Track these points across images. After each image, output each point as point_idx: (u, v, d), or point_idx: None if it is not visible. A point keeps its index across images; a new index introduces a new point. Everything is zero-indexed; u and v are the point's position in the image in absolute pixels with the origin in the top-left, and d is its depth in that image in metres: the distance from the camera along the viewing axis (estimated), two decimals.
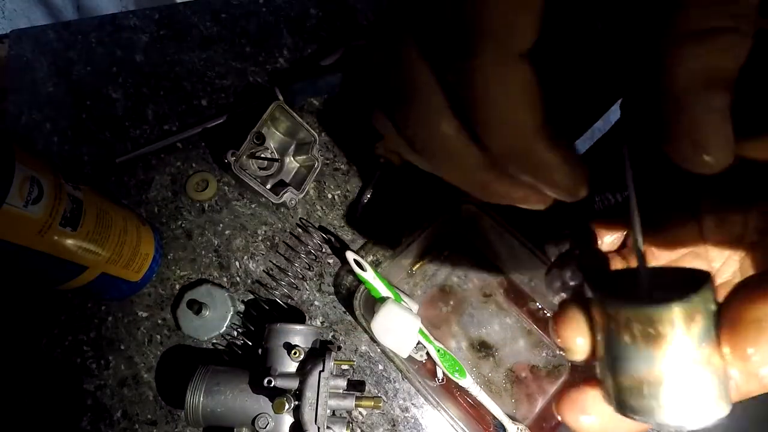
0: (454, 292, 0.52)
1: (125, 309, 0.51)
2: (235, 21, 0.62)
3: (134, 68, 0.60)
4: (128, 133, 0.57)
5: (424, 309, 0.51)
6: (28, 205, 0.34)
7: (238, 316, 0.51)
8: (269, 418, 0.40)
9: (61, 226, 0.37)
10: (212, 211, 0.55)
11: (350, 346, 0.51)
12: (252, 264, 0.53)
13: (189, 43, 0.61)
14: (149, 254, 0.49)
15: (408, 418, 0.49)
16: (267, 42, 0.61)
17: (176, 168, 0.56)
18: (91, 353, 0.50)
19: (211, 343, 0.50)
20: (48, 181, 0.36)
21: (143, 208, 0.54)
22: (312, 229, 0.53)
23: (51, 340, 0.50)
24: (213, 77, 0.60)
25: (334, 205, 0.55)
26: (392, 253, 0.47)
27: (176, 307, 0.50)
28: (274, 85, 0.55)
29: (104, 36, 0.61)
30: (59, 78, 0.59)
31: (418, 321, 0.43)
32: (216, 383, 0.42)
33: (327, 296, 0.52)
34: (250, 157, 0.52)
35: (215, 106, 0.58)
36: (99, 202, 0.42)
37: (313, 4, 0.63)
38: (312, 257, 0.53)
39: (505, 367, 0.50)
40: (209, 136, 0.57)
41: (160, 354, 0.50)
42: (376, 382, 0.50)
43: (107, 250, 0.43)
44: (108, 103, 0.58)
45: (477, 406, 0.48)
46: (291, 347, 0.42)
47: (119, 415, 0.48)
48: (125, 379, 0.49)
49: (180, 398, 0.41)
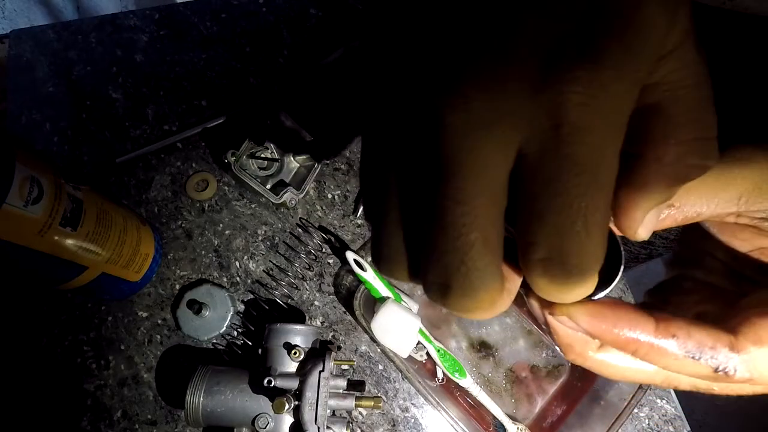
0: None
1: (125, 309, 0.51)
2: (235, 21, 0.62)
3: (134, 68, 0.60)
4: (128, 133, 0.57)
5: (424, 309, 0.51)
6: (28, 205, 0.34)
7: (238, 316, 0.51)
8: (269, 418, 0.40)
9: (61, 226, 0.37)
10: (212, 211, 0.55)
11: (350, 346, 0.51)
12: (252, 264, 0.53)
13: (189, 43, 0.61)
14: (149, 254, 0.49)
15: (408, 418, 0.49)
16: (267, 42, 0.61)
17: (176, 168, 0.56)
18: (91, 353, 0.50)
19: (211, 343, 0.50)
20: (48, 181, 0.36)
21: (143, 208, 0.54)
22: (312, 229, 0.53)
23: (51, 340, 0.50)
24: (213, 77, 0.60)
25: (334, 205, 0.55)
26: None
27: (176, 307, 0.50)
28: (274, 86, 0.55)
29: (104, 36, 0.61)
30: (59, 78, 0.59)
31: (418, 321, 0.43)
32: (216, 383, 0.42)
33: (327, 296, 0.52)
34: (250, 157, 0.52)
35: (215, 106, 0.58)
36: (99, 202, 0.42)
37: (313, 4, 0.63)
38: (312, 257, 0.53)
39: (505, 367, 0.50)
40: (209, 136, 0.57)
41: (160, 354, 0.50)
42: (376, 382, 0.50)
43: (107, 250, 0.43)
44: (108, 103, 0.58)
45: (477, 406, 0.48)
46: (291, 347, 0.42)
47: (119, 415, 0.48)
48: (125, 379, 0.49)
49: (180, 398, 0.41)
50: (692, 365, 0.16)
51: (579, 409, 0.47)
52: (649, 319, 0.16)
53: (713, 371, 0.16)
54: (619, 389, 0.44)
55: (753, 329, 0.16)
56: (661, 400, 0.50)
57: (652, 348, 0.16)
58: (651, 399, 0.50)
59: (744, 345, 0.16)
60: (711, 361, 0.16)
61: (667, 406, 0.50)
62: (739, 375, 0.16)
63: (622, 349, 0.16)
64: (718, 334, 0.16)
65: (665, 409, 0.50)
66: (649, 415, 0.50)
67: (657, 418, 0.50)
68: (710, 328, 0.16)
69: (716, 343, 0.16)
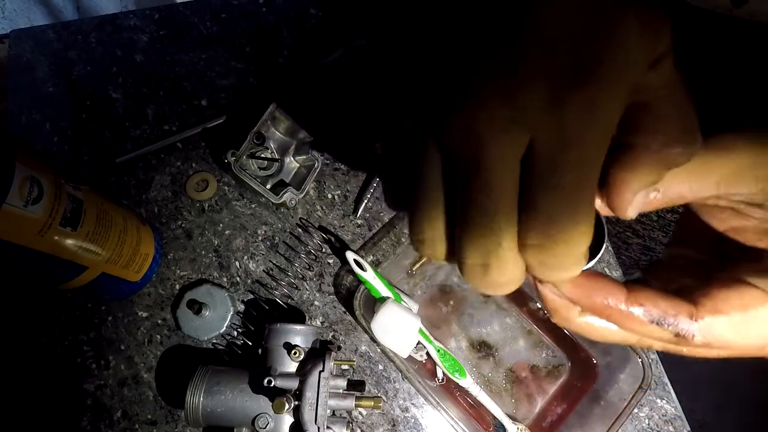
0: (454, 292, 0.52)
1: (125, 309, 0.51)
2: (235, 21, 0.62)
3: (134, 68, 0.60)
4: (128, 133, 0.57)
5: (424, 309, 0.51)
6: (28, 205, 0.34)
7: (238, 316, 0.51)
8: (269, 418, 0.40)
9: (61, 226, 0.37)
10: (212, 211, 0.55)
11: (350, 346, 0.51)
12: (252, 264, 0.53)
13: (189, 43, 0.61)
14: (149, 254, 0.49)
15: (408, 418, 0.49)
16: (267, 42, 0.61)
17: (176, 168, 0.56)
18: (91, 353, 0.50)
19: (211, 343, 0.50)
20: (48, 181, 0.36)
21: (143, 208, 0.54)
22: (312, 229, 0.53)
23: (51, 340, 0.50)
24: (213, 77, 0.60)
25: (334, 205, 0.55)
26: (392, 253, 0.47)
27: (176, 307, 0.50)
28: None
29: (104, 36, 0.61)
30: (59, 78, 0.59)
31: (418, 321, 0.43)
32: (216, 383, 0.42)
33: (327, 296, 0.52)
34: (250, 157, 0.52)
35: (215, 106, 0.58)
36: (99, 202, 0.42)
37: (313, 4, 0.63)
38: (312, 257, 0.53)
39: (505, 367, 0.50)
40: (209, 136, 0.57)
41: (160, 354, 0.50)
42: (376, 382, 0.50)
43: (107, 250, 0.43)
44: (108, 103, 0.58)
45: (477, 406, 0.48)
46: (291, 347, 0.42)
47: (119, 415, 0.48)
48: (125, 379, 0.49)
49: (180, 398, 0.41)
50: (657, 330, 0.18)
51: (579, 409, 0.47)
52: (622, 289, 0.18)
53: (674, 336, 0.18)
54: (619, 389, 0.44)
55: (712, 301, 0.19)
56: (661, 400, 0.50)
57: (621, 314, 0.18)
58: (651, 399, 0.50)
59: (702, 314, 0.18)
60: (672, 328, 0.18)
61: (667, 406, 0.50)
62: (697, 340, 0.18)
63: (597, 314, 0.19)
64: (681, 304, 0.18)
65: (665, 409, 0.50)
66: (649, 415, 0.50)
67: (657, 418, 0.50)
68: (674, 299, 0.19)
69: (678, 312, 0.18)
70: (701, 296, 0.19)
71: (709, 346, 0.19)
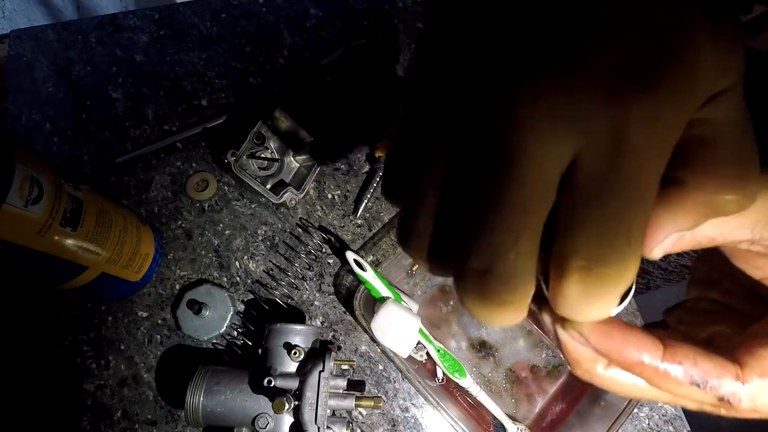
0: (454, 292, 0.52)
1: (125, 309, 0.51)
2: (235, 21, 0.62)
3: (134, 68, 0.60)
4: (128, 133, 0.57)
5: (424, 309, 0.51)
6: (28, 205, 0.34)
7: (238, 316, 0.51)
8: (269, 418, 0.40)
9: (61, 226, 0.37)
10: (212, 211, 0.55)
11: (350, 346, 0.51)
12: (252, 264, 0.53)
13: (189, 43, 0.61)
14: (149, 254, 0.49)
15: (408, 418, 0.49)
16: (267, 42, 0.61)
17: (176, 168, 0.56)
18: (91, 353, 0.50)
19: (211, 343, 0.50)
20: (48, 181, 0.36)
21: (143, 208, 0.54)
22: (312, 229, 0.53)
23: (51, 340, 0.50)
24: (213, 77, 0.60)
25: (334, 205, 0.55)
26: (392, 253, 0.47)
27: (176, 307, 0.50)
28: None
29: (104, 36, 0.61)
30: (59, 78, 0.59)
31: (418, 321, 0.43)
32: (216, 383, 0.42)
33: (327, 296, 0.52)
34: (250, 157, 0.52)
35: (215, 106, 0.58)
36: (99, 202, 0.42)
37: (313, 4, 0.63)
38: (312, 257, 0.53)
39: (505, 367, 0.50)
40: (209, 136, 0.57)
41: (160, 354, 0.50)
42: (376, 382, 0.50)
43: (107, 250, 0.43)
44: (108, 103, 0.58)
45: (477, 406, 0.48)
46: (291, 347, 0.42)
47: (119, 415, 0.48)
48: (125, 379, 0.49)
49: (180, 398, 0.41)
50: (697, 392, 0.16)
51: (579, 409, 0.47)
52: (658, 344, 0.16)
53: (717, 400, 0.16)
54: None
55: (758, 360, 0.16)
56: None
57: (657, 372, 0.16)
58: None
59: (749, 376, 0.16)
60: (715, 391, 0.16)
61: (667, 406, 0.50)
62: (744, 405, 0.16)
63: (628, 370, 0.16)
64: (724, 364, 0.16)
65: (665, 409, 0.50)
66: (649, 415, 0.50)
67: (657, 418, 0.50)
68: (716, 358, 0.16)
69: (722, 373, 0.16)
70: (745, 354, 0.17)
71: (757, 412, 0.16)
